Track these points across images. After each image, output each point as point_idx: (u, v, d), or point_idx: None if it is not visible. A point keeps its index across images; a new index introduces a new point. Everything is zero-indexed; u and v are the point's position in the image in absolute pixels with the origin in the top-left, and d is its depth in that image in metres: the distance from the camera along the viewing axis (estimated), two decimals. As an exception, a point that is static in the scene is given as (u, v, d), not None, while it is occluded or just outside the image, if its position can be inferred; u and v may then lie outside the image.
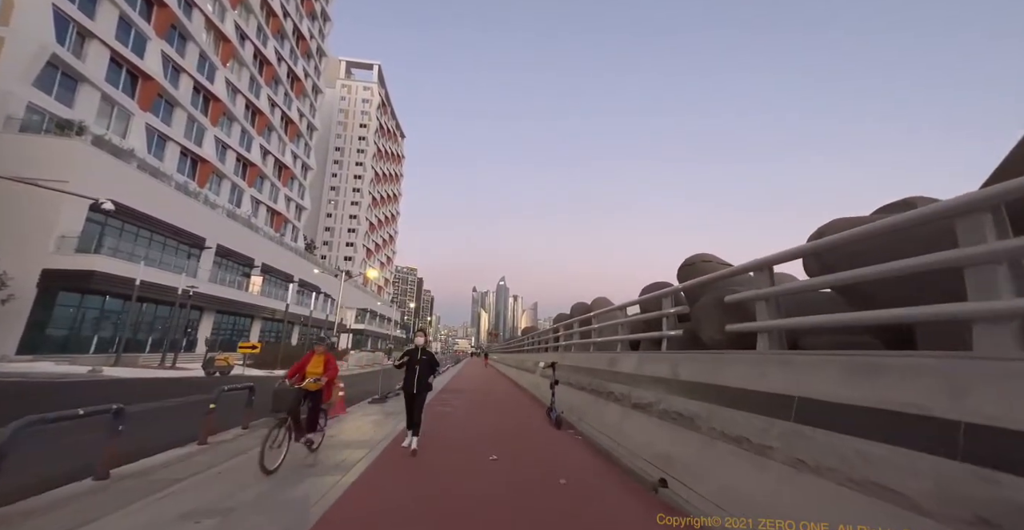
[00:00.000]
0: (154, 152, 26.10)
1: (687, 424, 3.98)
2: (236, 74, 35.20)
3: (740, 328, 4.00)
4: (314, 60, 52.22)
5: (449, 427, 7.10)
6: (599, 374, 7.17)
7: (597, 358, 7.70)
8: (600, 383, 6.94)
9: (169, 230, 24.47)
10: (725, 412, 3.48)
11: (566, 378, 8.65)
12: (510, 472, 4.57)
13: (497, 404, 10.48)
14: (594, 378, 7.37)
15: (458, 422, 7.63)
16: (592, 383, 7.32)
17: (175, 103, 27.71)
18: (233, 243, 30.90)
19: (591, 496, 3.85)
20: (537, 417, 8.38)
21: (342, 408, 8.26)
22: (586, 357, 8.48)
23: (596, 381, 7.15)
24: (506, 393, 13.32)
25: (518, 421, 7.98)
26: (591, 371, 7.69)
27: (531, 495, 3.82)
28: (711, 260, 6.58)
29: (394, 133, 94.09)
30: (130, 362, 18.38)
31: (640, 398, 5.18)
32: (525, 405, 10.39)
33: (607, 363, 7.01)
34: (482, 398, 11.63)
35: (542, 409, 9.58)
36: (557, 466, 4.81)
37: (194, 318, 27.13)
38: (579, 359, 8.88)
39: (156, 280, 20.79)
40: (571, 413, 7.86)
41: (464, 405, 9.91)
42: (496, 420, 8.00)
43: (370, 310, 69.78)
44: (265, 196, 40.95)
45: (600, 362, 7.37)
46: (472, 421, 7.80)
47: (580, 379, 8.10)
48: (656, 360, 5.24)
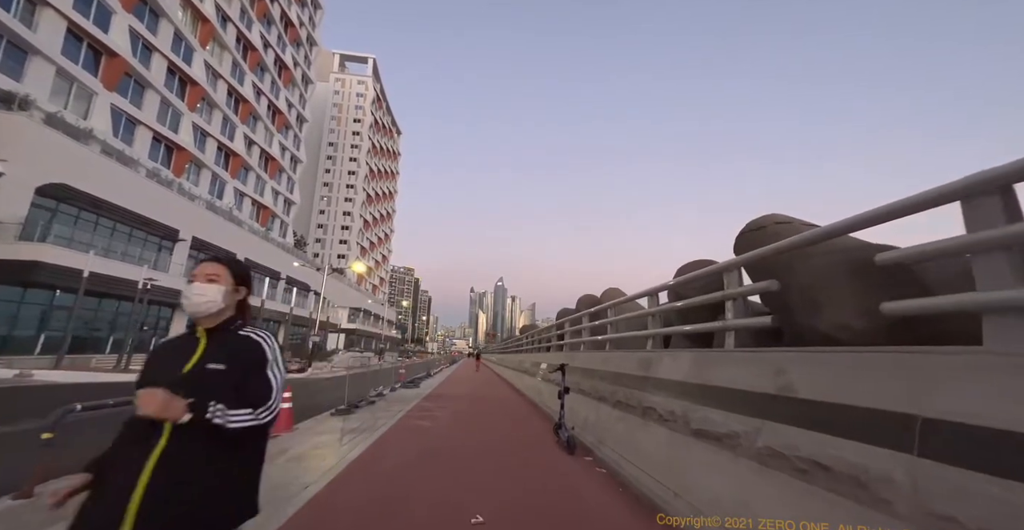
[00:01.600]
0: (121, 136, 24.08)
1: (842, 489, 2.07)
2: (217, 58, 33.18)
3: (937, 306, 2.08)
4: (304, 49, 50.21)
5: (423, 454, 5.19)
6: (627, 381, 5.28)
7: (622, 359, 5.81)
8: (629, 393, 5.04)
9: (136, 220, 22.45)
10: (952, 475, 1.59)
11: (577, 384, 6.76)
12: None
13: (491, 415, 8.56)
14: (619, 386, 5.48)
15: (436, 444, 5.72)
16: (616, 393, 5.42)
17: (146, 84, 25.69)
18: (212, 236, 28.90)
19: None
20: (541, 434, 6.47)
21: (287, 424, 6.34)
22: (604, 358, 6.58)
23: (623, 390, 5.26)
24: (503, 400, 11.41)
25: (517, 441, 6.07)
26: (614, 376, 5.80)
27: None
28: (789, 221, 4.68)
29: (389, 129, 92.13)
30: (82, 364, 16.42)
31: (709, 423, 3.27)
32: (525, 415, 8.48)
33: (638, 365, 5.12)
34: (474, 407, 9.71)
35: (546, 422, 7.68)
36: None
37: (165, 316, 25.14)
38: (594, 360, 6.98)
39: (112, 272, 18.76)
40: (586, 432, 5.96)
41: (449, 418, 7.99)
42: (488, 441, 6.08)
43: (363, 309, 67.84)
44: (250, 188, 38.93)
45: (627, 364, 5.47)
46: (456, 442, 5.88)
47: (597, 386, 6.20)
48: (735, 363, 3.34)
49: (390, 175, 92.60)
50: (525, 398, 11.53)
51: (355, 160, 74.65)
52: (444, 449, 5.45)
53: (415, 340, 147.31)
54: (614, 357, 6.23)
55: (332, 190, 73.16)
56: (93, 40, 21.77)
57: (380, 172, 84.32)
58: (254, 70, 38.42)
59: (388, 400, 10.44)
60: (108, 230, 21.17)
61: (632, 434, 4.65)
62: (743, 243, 4.88)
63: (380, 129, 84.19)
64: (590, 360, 7.18)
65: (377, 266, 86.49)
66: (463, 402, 10.45)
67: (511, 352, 22.87)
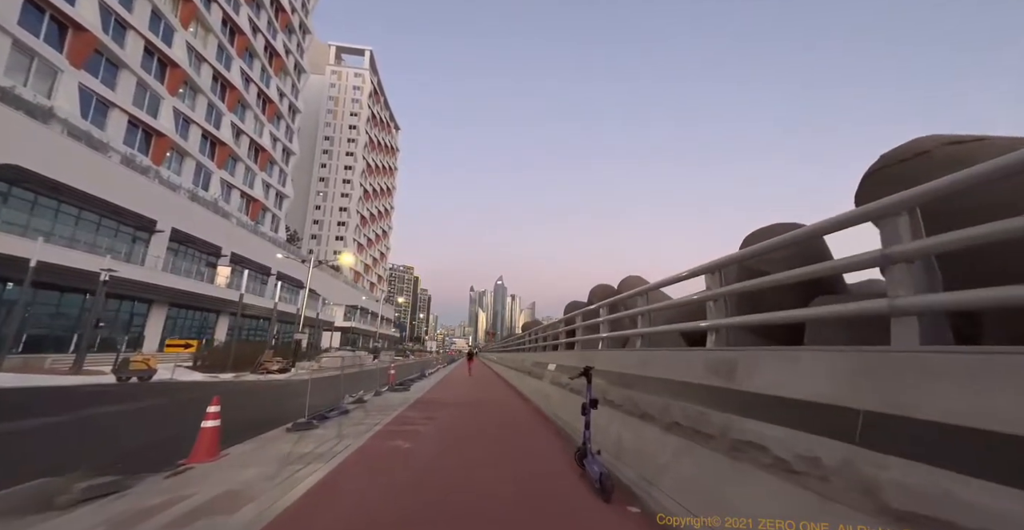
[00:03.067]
0: (92, 118, 22.32)
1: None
2: (201, 40, 31.41)
3: None
4: (297, 37, 48.40)
5: (386, 503, 3.49)
6: (689, 394, 3.59)
7: (675, 361, 4.12)
8: (697, 414, 3.34)
9: (105, 208, 20.73)
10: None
11: (604, 393, 5.06)
12: None
13: (489, 429, 6.85)
14: (674, 399, 3.78)
15: (411, 480, 4.02)
16: (670, 410, 3.72)
17: (120, 64, 23.91)
18: (194, 228, 27.18)
19: None
20: (556, 461, 4.77)
21: (209, 451, 4.63)
22: (642, 359, 4.87)
23: (682, 407, 3.56)
24: (503, 406, 9.70)
25: (526, 474, 4.36)
26: (661, 385, 4.11)
27: None
28: (980, 139, 2.98)
29: (387, 124, 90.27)
30: (35, 365, 14.74)
31: (920, 498, 1.59)
32: (531, 429, 6.75)
33: (707, 371, 3.44)
34: (468, 417, 8.01)
35: (559, 438, 6.00)
36: None
37: (140, 312, 23.41)
38: (625, 362, 5.29)
39: (71, 264, 17.03)
40: (621, 461, 4.25)
41: (436, 435, 6.28)
42: (484, 478, 4.37)
43: (360, 307, 66.12)
44: (238, 180, 37.16)
45: (685, 368, 3.79)
46: (439, 480, 4.17)
47: (635, 398, 4.50)
48: (962, 375, 1.64)
49: (388, 171, 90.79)
50: (530, 404, 9.83)
51: (352, 155, 72.93)
52: (421, 495, 3.73)
53: (414, 339, 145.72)
54: (659, 357, 4.53)
55: (328, 185, 71.42)
56: (57, 12, 19.98)
57: (378, 168, 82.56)
58: (242, 56, 36.63)
59: (367, 408, 8.75)
60: (72, 218, 19.42)
61: (713, 480, 2.94)
62: (880, 182, 3.18)
63: (377, 123, 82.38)
64: (619, 361, 5.49)
65: (375, 263, 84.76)
66: (456, 410, 8.74)
67: (512, 351, 21.19)
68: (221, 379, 15.77)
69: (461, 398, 11.14)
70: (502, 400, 10.83)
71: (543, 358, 11.42)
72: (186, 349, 14.69)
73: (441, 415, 7.98)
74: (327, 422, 6.95)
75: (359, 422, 6.99)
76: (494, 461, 4.87)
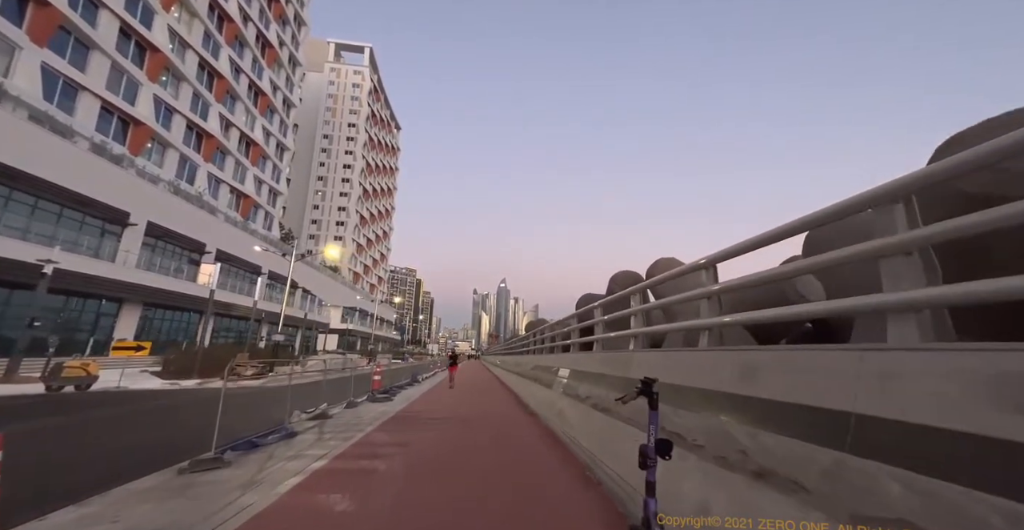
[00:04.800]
0: (58, 102, 20.56)
1: None
2: (185, 25, 29.72)
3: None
4: (291, 28, 46.79)
5: None
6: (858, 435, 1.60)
7: (819, 365, 2.12)
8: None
9: (68, 198, 18.93)
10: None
11: (668, 420, 3.03)
12: None
13: (483, 463, 4.81)
14: (824, 443, 1.78)
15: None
16: (814, 462, 1.72)
17: (91, 44, 22.17)
18: (174, 223, 25.39)
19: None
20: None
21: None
22: (746, 364, 2.86)
23: (842, 461, 1.57)
24: (504, 427, 7.64)
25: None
26: (795, 414, 2.09)
27: None
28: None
29: (388, 123, 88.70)
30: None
31: None
32: (539, 464, 4.67)
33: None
34: (455, 446, 5.97)
35: (582, 481, 3.77)
36: None
37: (109, 311, 21.55)
38: (717, 372, 3.29)
39: (8, 254, 15.13)
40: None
41: (403, 474, 4.26)
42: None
43: (359, 309, 64.25)
44: (227, 175, 35.39)
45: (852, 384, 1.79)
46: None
47: (734, 435, 2.50)
48: None
49: (388, 171, 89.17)
50: (537, 421, 7.81)
51: (351, 153, 71.36)
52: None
53: (415, 341, 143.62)
54: (779, 362, 2.51)
55: (327, 184, 69.83)
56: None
57: (378, 167, 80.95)
58: (231, 44, 34.94)
59: (328, 427, 6.78)
60: (27, 207, 17.61)
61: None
62: None
63: (377, 122, 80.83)
64: (694, 370, 3.46)
65: (375, 264, 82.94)
66: (441, 431, 6.74)
67: (516, 353, 19.18)
68: (182, 387, 13.85)
69: (451, 411, 9.13)
70: (502, 414, 8.80)
71: (552, 362, 9.41)
72: (137, 352, 12.81)
73: (419, 439, 5.98)
74: (255, 452, 4.98)
75: (299, 453, 4.99)
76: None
